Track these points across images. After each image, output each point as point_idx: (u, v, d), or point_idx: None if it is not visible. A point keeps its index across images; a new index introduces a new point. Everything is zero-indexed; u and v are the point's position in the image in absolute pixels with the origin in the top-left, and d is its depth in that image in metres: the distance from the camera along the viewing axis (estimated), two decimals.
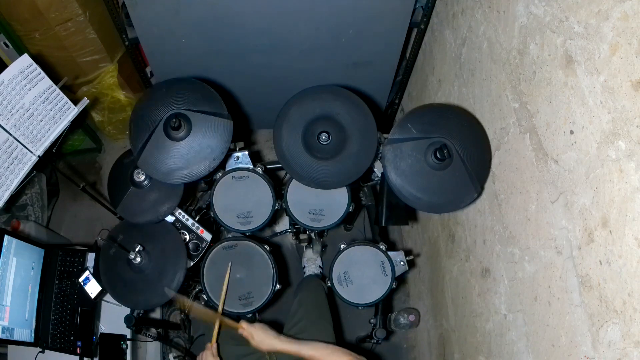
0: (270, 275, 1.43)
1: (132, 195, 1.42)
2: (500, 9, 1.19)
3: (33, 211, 2.18)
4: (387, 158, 1.27)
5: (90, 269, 1.55)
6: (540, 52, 1.00)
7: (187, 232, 1.48)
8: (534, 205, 1.04)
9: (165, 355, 1.96)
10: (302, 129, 1.35)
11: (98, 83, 2.18)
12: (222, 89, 2.03)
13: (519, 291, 1.12)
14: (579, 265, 0.87)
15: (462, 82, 1.48)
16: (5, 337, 1.41)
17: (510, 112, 1.15)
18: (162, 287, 1.37)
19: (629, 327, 0.73)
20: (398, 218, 1.42)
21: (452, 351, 1.60)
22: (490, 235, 1.28)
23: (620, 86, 0.74)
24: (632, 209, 0.73)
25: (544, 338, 1.00)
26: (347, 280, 1.44)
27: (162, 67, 1.93)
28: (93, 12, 1.96)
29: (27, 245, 1.55)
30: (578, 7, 0.85)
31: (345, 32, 1.75)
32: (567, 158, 0.90)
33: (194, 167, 1.31)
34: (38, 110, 1.32)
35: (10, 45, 1.89)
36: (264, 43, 1.79)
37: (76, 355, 1.52)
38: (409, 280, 2.24)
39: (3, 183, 1.28)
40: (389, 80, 2.09)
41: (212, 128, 1.32)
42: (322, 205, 1.46)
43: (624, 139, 0.74)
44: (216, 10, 1.63)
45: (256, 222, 1.45)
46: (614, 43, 0.76)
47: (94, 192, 1.74)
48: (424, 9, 1.72)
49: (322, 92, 1.36)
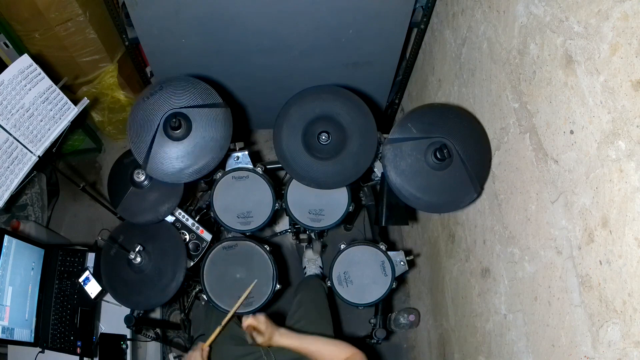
0: (270, 275, 1.43)
1: (132, 195, 1.42)
2: (500, 9, 1.19)
3: (33, 211, 2.18)
4: (387, 158, 1.27)
5: (90, 269, 1.55)
6: (540, 52, 1.00)
7: (187, 232, 1.48)
8: (534, 205, 1.04)
9: (165, 355, 1.96)
10: (302, 129, 1.35)
11: (98, 83, 2.18)
12: (222, 89, 2.02)
13: (519, 291, 1.12)
14: (579, 265, 0.87)
15: (462, 82, 1.48)
16: (5, 337, 1.42)
17: (510, 112, 1.15)
18: (162, 287, 1.37)
19: (629, 327, 0.73)
20: (398, 218, 1.42)
21: (452, 351, 1.60)
22: (490, 235, 1.28)
23: (620, 86, 0.74)
24: (632, 209, 0.73)
25: (544, 338, 1.00)
26: (347, 280, 1.44)
27: (162, 67, 1.93)
28: (93, 12, 1.96)
29: (27, 245, 1.55)
30: (578, 7, 0.85)
31: (345, 32, 1.75)
32: (567, 158, 0.90)
33: (202, 161, 1.31)
34: (38, 110, 1.32)
35: (10, 45, 1.89)
36: (264, 43, 1.79)
37: (76, 355, 1.52)
38: (409, 280, 2.24)
39: (3, 183, 1.28)
40: (389, 80, 2.09)
41: (212, 119, 1.31)
42: (322, 205, 1.46)
43: (624, 139, 0.74)
44: (216, 10, 1.63)
45: (256, 222, 1.45)
46: (614, 43, 0.76)
47: (94, 192, 1.74)
48: (424, 9, 1.72)
49: (322, 92, 1.36)
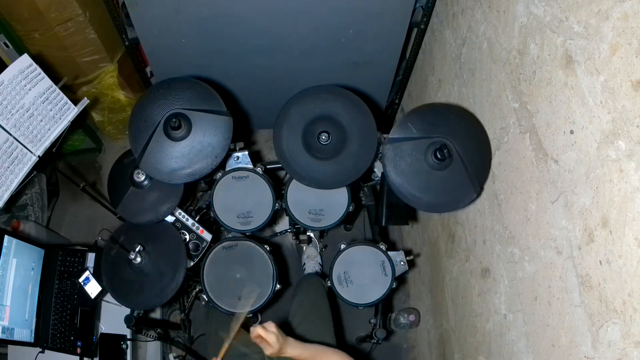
0: (270, 275, 1.43)
1: (132, 195, 1.42)
2: (500, 9, 1.19)
3: (33, 211, 2.18)
4: (387, 157, 1.27)
5: (90, 269, 1.55)
6: (540, 52, 1.00)
7: (187, 232, 1.48)
8: (534, 205, 1.04)
9: (165, 355, 1.96)
10: (302, 129, 1.35)
11: (98, 83, 2.18)
12: (222, 89, 2.02)
13: (519, 291, 1.12)
14: (579, 265, 0.87)
15: (462, 82, 1.48)
16: (5, 337, 1.42)
17: (510, 112, 1.15)
18: (162, 287, 1.37)
19: (629, 327, 0.73)
20: (398, 218, 1.42)
21: (452, 351, 1.60)
22: (490, 235, 1.28)
23: (620, 86, 0.74)
24: (632, 209, 0.73)
25: (544, 338, 1.00)
26: (347, 280, 1.44)
27: (162, 67, 1.93)
28: (93, 12, 1.96)
29: (27, 245, 1.55)
30: (578, 7, 0.85)
31: (345, 32, 1.75)
32: (567, 158, 0.90)
33: (196, 165, 1.32)
34: (38, 110, 1.32)
35: (10, 45, 1.89)
36: (264, 43, 1.79)
37: (76, 355, 1.52)
38: (409, 280, 2.24)
39: (3, 183, 1.28)
40: (389, 80, 2.09)
41: (212, 126, 1.32)
42: (322, 205, 1.46)
43: (624, 139, 0.74)
44: (216, 10, 1.63)
45: (256, 222, 1.45)
46: (614, 43, 0.76)
47: (94, 192, 1.74)
48: (424, 9, 1.72)
49: (322, 92, 1.36)
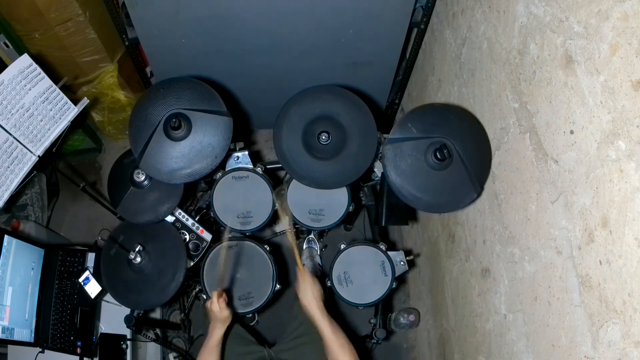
0: (270, 275, 1.43)
1: (132, 195, 1.42)
2: (500, 9, 1.19)
3: (33, 211, 2.18)
4: (387, 157, 1.27)
5: (90, 269, 1.55)
6: (540, 52, 1.00)
7: (187, 232, 1.48)
8: (534, 205, 1.04)
9: (165, 355, 1.96)
10: (302, 129, 1.35)
11: (98, 83, 2.18)
12: (222, 89, 2.02)
13: (519, 291, 1.12)
14: (579, 265, 0.87)
15: (462, 82, 1.48)
16: (5, 337, 1.42)
17: (510, 112, 1.15)
18: (162, 287, 1.37)
19: (629, 327, 0.73)
20: (398, 218, 1.42)
21: (452, 351, 1.60)
22: (490, 235, 1.28)
23: (620, 86, 0.74)
24: (632, 209, 0.73)
25: (544, 338, 1.00)
26: (347, 280, 1.44)
27: (162, 67, 1.93)
28: (93, 12, 1.96)
29: (27, 245, 1.55)
30: (578, 7, 0.85)
31: (345, 32, 1.75)
32: (567, 158, 0.90)
33: (196, 165, 1.32)
34: (38, 110, 1.32)
35: (10, 45, 1.89)
36: (264, 43, 1.79)
37: (76, 355, 1.52)
38: (409, 280, 2.24)
39: (3, 183, 1.28)
40: (389, 80, 2.09)
41: (212, 126, 1.32)
42: (322, 205, 1.46)
43: (624, 139, 0.74)
44: (216, 10, 1.63)
45: (256, 222, 1.45)
46: (614, 43, 0.76)
47: (94, 192, 1.74)
48: (424, 9, 1.72)
49: (322, 92, 1.36)
